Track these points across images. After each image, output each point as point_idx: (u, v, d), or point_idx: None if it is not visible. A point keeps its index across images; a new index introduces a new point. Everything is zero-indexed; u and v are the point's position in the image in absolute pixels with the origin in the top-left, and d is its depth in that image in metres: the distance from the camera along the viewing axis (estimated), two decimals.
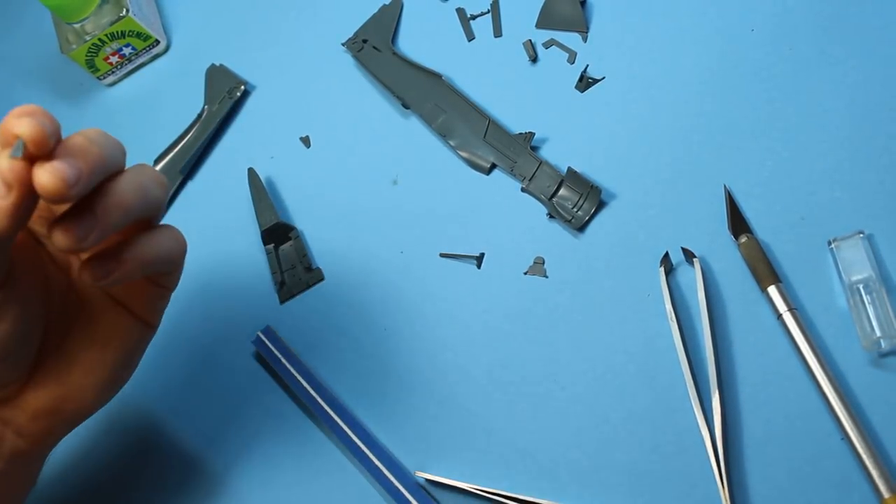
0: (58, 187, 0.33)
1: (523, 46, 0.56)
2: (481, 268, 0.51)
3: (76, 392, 0.42)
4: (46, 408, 0.41)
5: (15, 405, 0.41)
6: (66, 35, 0.63)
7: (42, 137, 0.33)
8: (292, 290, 0.54)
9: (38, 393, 0.41)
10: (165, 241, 0.40)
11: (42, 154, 0.33)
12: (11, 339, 0.38)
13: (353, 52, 0.59)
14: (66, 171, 0.33)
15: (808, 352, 0.43)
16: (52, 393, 0.41)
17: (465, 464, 0.47)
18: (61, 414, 0.42)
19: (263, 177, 0.57)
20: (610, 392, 0.46)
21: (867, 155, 0.47)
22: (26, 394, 0.41)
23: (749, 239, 0.46)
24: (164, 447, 0.52)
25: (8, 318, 0.37)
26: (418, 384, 0.49)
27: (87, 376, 0.42)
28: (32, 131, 0.33)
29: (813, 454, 0.42)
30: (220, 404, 0.52)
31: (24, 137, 0.33)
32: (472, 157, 0.54)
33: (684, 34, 0.53)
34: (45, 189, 0.33)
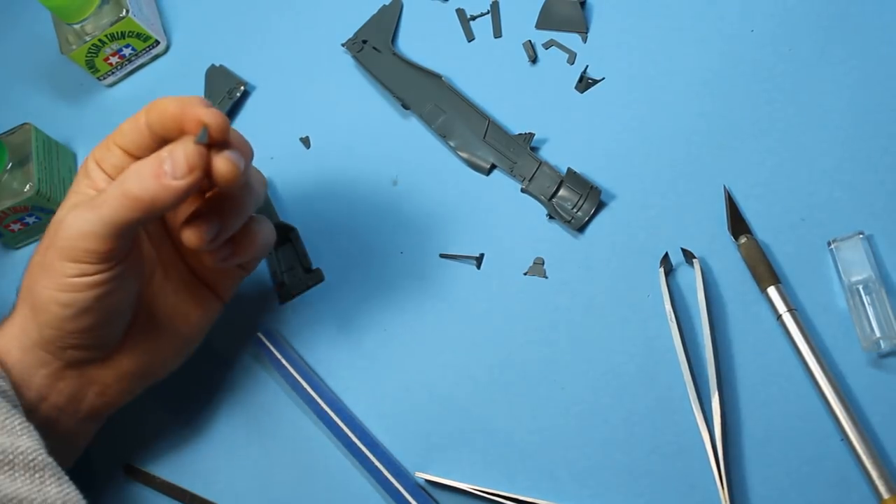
0: (234, 174, 0.38)
1: (523, 47, 0.56)
2: (481, 268, 0.51)
3: (158, 357, 0.47)
4: (132, 369, 0.46)
5: (106, 366, 0.45)
6: (66, 36, 0.63)
7: (226, 126, 0.38)
8: (292, 291, 0.54)
9: (127, 356, 0.45)
10: (267, 230, 0.46)
11: (223, 141, 0.38)
12: (122, 306, 0.43)
13: (353, 53, 0.59)
14: (240, 162, 0.39)
15: (807, 352, 0.43)
16: (140, 356, 0.46)
17: (465, 464, 0.47)
18: (142, 376, 0.46)
19: None
20: (610, 392, 0.46)
21: (867, 155, 0.47)
22: (118, 356, 0.45)
23: (749, 239, 0.46)
24: (164, 447, 0.52)
25: (125, 286, 0.42)
26: (418, 385, 0.49)
27: (170, 344, 0.47)
28: (220, 121, 0.38)
29: (812, 454, 0.42)
30: (221, 404, 0.52)
31: (212, 126, 0.37)
32: (471, 157, 0.54)
33: (684, 35, 0.53)
34: (224, 175, 0.38)
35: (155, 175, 0.38)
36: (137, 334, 0.45)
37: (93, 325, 0.42)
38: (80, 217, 0.39)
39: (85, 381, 0.44)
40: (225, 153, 0.38)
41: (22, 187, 0.58)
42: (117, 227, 0.39)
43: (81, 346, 0.43)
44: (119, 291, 0.41)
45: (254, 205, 0.43)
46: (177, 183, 0.38)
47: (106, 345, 0.44)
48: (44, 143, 0.61)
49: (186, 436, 0.52)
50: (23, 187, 0.58)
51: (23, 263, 0.44)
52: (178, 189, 0.38)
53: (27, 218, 0.59)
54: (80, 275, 0.40)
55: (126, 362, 0.45)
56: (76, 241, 0.39)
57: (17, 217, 0.59)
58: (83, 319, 0.41)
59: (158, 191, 0.38)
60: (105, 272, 0.40)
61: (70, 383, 0.44)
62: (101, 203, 0.39)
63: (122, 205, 0.38)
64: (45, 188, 0.59)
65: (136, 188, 0.38)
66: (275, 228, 0.54)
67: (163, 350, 0.47)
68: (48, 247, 0.41)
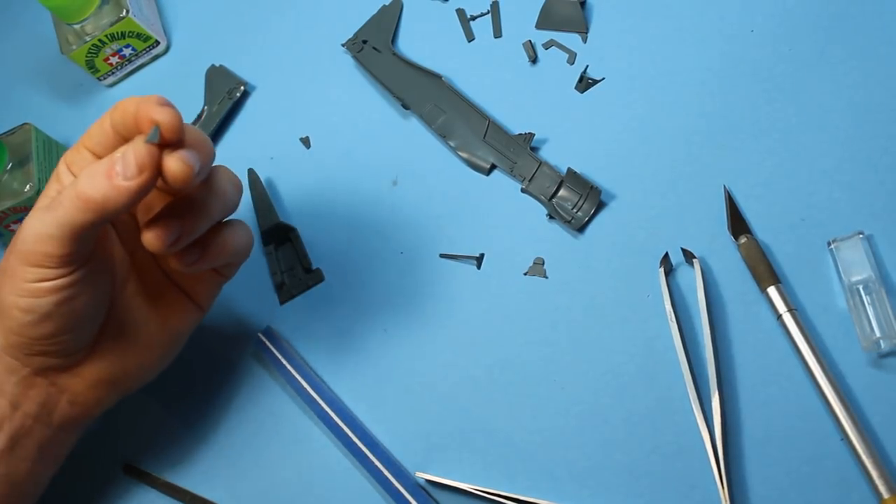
0: (186, 174, 0.37)
1: (523, 47, 0.56)
2: (481, 268, 0.51)
3: (132, 365, 0.45)
4: (103, 378, 0.44)
5: (75, 374, 0.44)
6: (67, 36, 0.63)
7: (179, 125, 0.37)
8: (292, 291, 0.54)
9: (98, 364, 0.44)
10: (242, 235, 0.44)
11: (175, 141, 0.37)
12: (85, 312, 0.41)
13: (353, 53, 0.59)
14: (192, 160, 0.37)
15: (807, 352, 0.43)
16: (111, 365, 0.44)
17: (465, 464, 0.47)
18: (115, 385, 0.45)
19: (263, 177, 0.57)
20: (610, 392, 0.46)
21: (867, 155, 0.47)
22: (87, 364, 0.44)
23: (749, 239, 0.46)
24: (164, 446, 0.52)
25: (87, 291, 0.40)
26: (418, 385, 0.49)
27: (144, 352, 0.45)
28: (171, 120, 0.36)
29: (812, 454, 0.42)
30: (221, 404, 0.52)
31: (163, 125, 0.36)
32: (471, 157, 0.54)
33: (684, 35, 0.53)
34: (175, 175, 0.36)
35: (107, 175, 0.36)
36: (108, 341, 0.44)
37: (56, 332, 0.40)
38: (38, 220, 0.38)
39: (56, 389, 0.43)
40: (178, 153, 0.37)
41: (22, 187, 0.58)
42: (73, 229, 0.37)
43: (47, 353, 0.42)
44: (82, 297, 0.40)
45: (222, 208, 0.42)
46: (127, 184, 0.36)
47: (72, 351, 0.43)
48: (44, 143, 0.61)
49: (186, 435, 0.52)
50: (23, 187, 0.58)
51: None
52: (130, 190, 0.36)
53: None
54: (39, 279, 0.38)
55: (97, 370, 0.44)
56: (34, 245, 0.38)
57: (17, 217, 0.59)
58: (45, 325, 0.40)
59: (110, 192, 0.36)
60: (65, 276, 0.39)
61: (40, 391, 0.43)
62: (58, 205, 0.37)
63: (76, 206, 0.37)
64: (45, 188, 0.59)
65: (88, 189, 0.36)
66: (276, 228, 0.54)
67: (136, 358, 0.45)
68: (10, 251, 0.39)
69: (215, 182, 0.41)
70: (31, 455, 0.43)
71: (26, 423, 0.42)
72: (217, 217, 0.42)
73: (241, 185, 0.44)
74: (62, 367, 0.43)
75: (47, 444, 0.44)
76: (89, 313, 0.41)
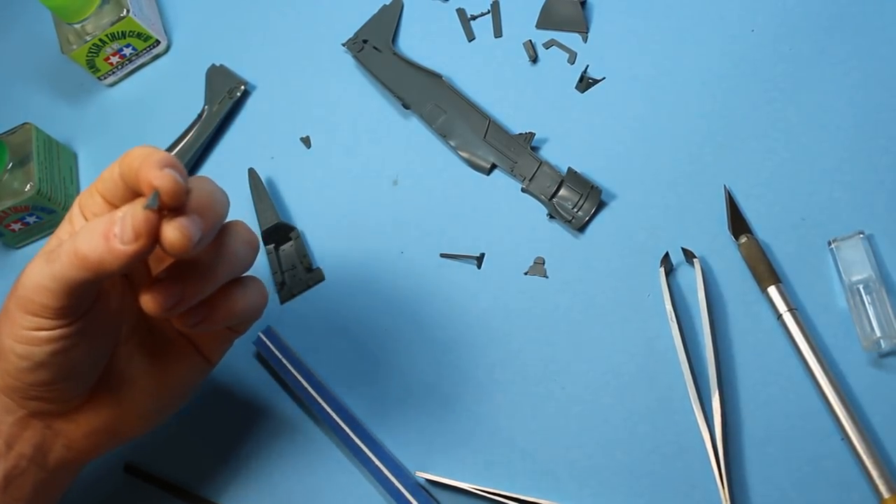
0: (183, 245, 0.34)
1: (523, 47, 0.56)
2: (481, 268, 0.51)
3: (130, 415, 0.44)
4: (100, 427, 0.43)
5: (71, 420, 0.43)
6: (67, 35, 0.63)
7: (179, 192, 0.34)
8: (293, 291, 0.54)
9: (95, 412, 0.43)
10: (253, 295, 0.41)
11: (175, 207, 0.35)
12: (84, 362, 0.40)
13: (354, 53, 0.59)
14: (192, 230, 0.35)
15: (808, 352, 0.43)
16: (109, 414, 0.43)
17: (466, 464, 0.47)
18: (112, 434, 0.44)
19: (264, 177, 0.57)
20: (610, 392, 0.46)
21: (867, 155, 0.47)
22: (84, 411, 0.43)
23: (749, 239, 0.46)
24: (165, 446, 0.52)
25: (85, 342, 0.39)
26: (419, 384, 0.49)
27: (144, 402, 0.44)
28: (171, 187, 0.34)
29: (813, 454, 0.42)
30: (221, 404, 0.52)
31: (162, 191, 0.34)
32: (472, 157, 0.54)
33: (684, 34, 0.53)
34: (172, 245, 0.34)
35: (104, 237, 0.35)
36: (107, 390, 0.43)
37: (50, 380, 0.39)
38: (36, 269, 0.37)
39: (51, 432, 0.42)
40: (176, 221, 0.34)
41: (22, 187, 0.58)
42: (68, 284, 0.36)
43: (42, 399, 0.40)
44: (78, 348, 0.38)
45: (231, 271, 0.39)
46: (124, 248, 0.34)
47: (68, 399, 0.41)
48: (44, 142, 0.61)
49: (187, 434, 0.52)
50: (23, 187, 0.58)
51: (23, 263, 0.43)
52: (126, 254, 0.34)
53: (28, 218, 0.59)
54: (35, 328, 0.37)
55: (94, 418, 0.43)
56: (31, 294, 0.36)
57: (17, 217, 0.59)
58: (40, 373, 0.39)
59: (105, 254, 0.35)
60: (61, 328, 0.37)
61: (36, 433, 0.42)
62: (56, 257, 0.36)
63: (72, 263, 0.35)
64: (45, 188, 0.59)
65: (85, 248, 0.35)
66: (277, 228, 0.54)
67: (135, 409, 0.44)
68: (11, 294, 0.38)
69: (225, 243, 0.39)
70: (25, 496, 0.42)
71: (21, 464, 0.41)
72: (225, 279, 0.39)
73: (256, 244, 0.41)
74: (58, 413, 0.42)
75: (42, 486, 0.43)
76: (86, 364, 0.40)
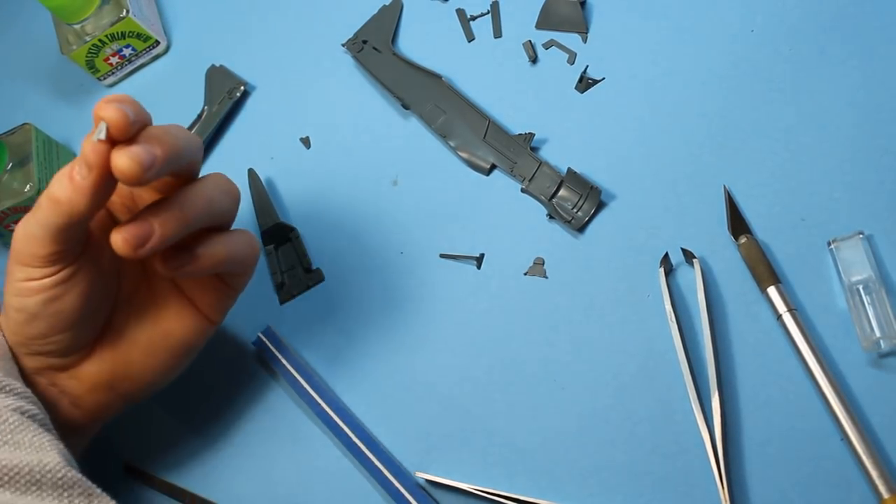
0: (133, 170, 0.35)
1: (523, 47, 0.56)
2: (481, 268, 0.51)
3: (133, 371, 0.45)
4: (103, 381, 0.44)
5: (73, 374, 0.44)
6: (67, 36, 0.63)
7: (124, 123, 0.35)
8: (292, 291, 0.54)
9: (96, 366, 0.44)
10: (238, 244, 0.43)
11: (122, 139, 0.36)
12: (77, 312, 0.41)
13: (353, 53, 0.59)
14: (142, 156, 0.35)
15: (807, 352, 0.43)
16: (110, 368, 0.44)
17: (465, 464, 0.47)
18: (117, 390, 0.45)
19: (263, 177, 0.57)
20: (610, 392, 0.46)
21: (867, 155, 0.47)
22: (85, 365, 0.44)
23: (749, 239, 0.46)
24: (164, 446, 0.52)
25: (76, 291, 0.40)
26: (418, 384, 0.49)
27: (146, 358, 0.45)
28: (115, 117, 0.35)
29: (812, 454, 0.42)
30: (221, 404, 0.52)
31: (109, 122, 0.35)
32: (472, 157, 0.54)
33: (684, 35, 0.53)
34: (121, 171, 0.35)
35: (69, 177, 0.37)
36: (108, 344, 0.44)
37: (47, 332, 0.41)
38: (25, 221, 0.39)
39: (56, 390, 0.43)
40: (126, 149, 0.35)
41: (22, 187, 0.58)
42: (51, 229, 0.38)
43: (43, 353, 0.42)
44: (68, 296, 0.40)
45: (205, 213, 0.40)
46: (83, 182, 0.36)
47: (68, 352, 0.43)
48: (44, 143, 0.61)
49: (186, 435, 0.52)
50: (23, 187, 0.58)
51: None
52: (85, 189, 0.36)
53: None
54: (27, 279, 0.39)
55: (95, 373, 0.44)
56: (22, 245, 0.39)
57: (17, 217, 0.59)
58: (35, 325, 0.40)
59: (72, 193, 0.36)
60: (50, 276, 0.39)
61: (42, 392, 0.43)
62: (38, 207, 0.38)
63: (49, 208, 0.37)
64: (45, 188, 0.59)
65: (57, 190, 0.37)
66: (276, 228, 0.54)
67: (137, 364, 0.45)
68: (10, 253, 0.40)
69: (199, 187, 0.40)
70: None
71: None
72: (199, 222, 0.40)
73: (235, 193, 0.42)
74: (60, 368, 0.43)
75: None
76: (80, 315, 0.41)
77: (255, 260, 0.44)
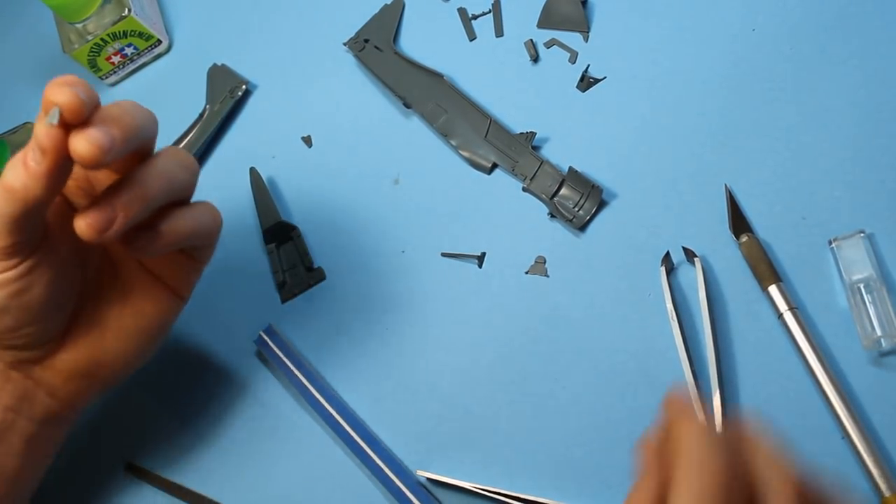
0: (92, 154, 0.34)
1: (525, 46, 0.56)
2: (482, 267, 0.51)
3: (108, 356, 0.44)
4: (78, 369, 0.43)
5: (47, 365, 0.43)
6: (68, 35, 0.63)
7: (78, 106, 0.34)
8: (294, 290, 0.54)
9: (70, 354, 0.43)
10: (201, 216, 0.42)
11: (77, 122, 0.35)
12: (44, 303, 0.40)
13: (355, 52, 0.59)
14: (101, 138, 0.34)
15: (808, 351, 0.43)
16: (85, 355, 0.43)
17: (467, 463, 0.47)
18: (92, 377, 0.44)
19: (265, 176, 0.58)
20: (611, 391, 0.46)
21: (868, 154, 0.47)
22: (59, 355, 0.43)
23: (750, 238, 0.46)
24: (166, 445, 0.52)
25: (41, 282, 0.39)
26: (420, 383, 0.49)
27: (119, 342, 0.44)
28: (69, 100, 0.34)
29: (813, 453, 0.42)
30: (222, 402, 0.52)
31: (61, 105, 0.34)
32: (473, 156, 0.54)
33: (685, 34, 0.53)
34: (81, 155, 0.34)
35: (24, 163, 0.35)
36: (80, 332, 0.43)
37: (15, 325, 0.40)
38: None
39: (32, 382, 0.43)
40: (83, 132, 0.34)
41: None
42: (8, 220, 0.36)
43: (14, 347, 0.41)
44: (34, 288, 0.39)
45: (165, 189, 0.39)
46: (38, 168, 0.35)
47: (39, 344, 0.42)
48: None
49: (188, 434, 0.52)
50: None
51: None
52: (40, 174, 0.35)
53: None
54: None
55: (70, 361, 0.43)
56: None
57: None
58: (2, 320, 0.39)
59: (27, 179, 0.35)
60: (12, 269, 0.38)
61: (17, 385, 0.42)
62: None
63: (5, 198, 0.36)
64: None
65: (11, 179, 0.36)
66: (278, 227, 0.54)
67: (111, 349, 0.44)
68: None
69: (156, 163, 0.39)
70: (17, 450, 0.42)
71: (8, 417, 0.42)
72: (160, 199, 0.39)
73: (193, 166, 0.42)
74: (34, 360, 0.43)
75: (33, 439, 0.43)
76: (48, 305, 0.40)
77: (218, 230, 0.44)
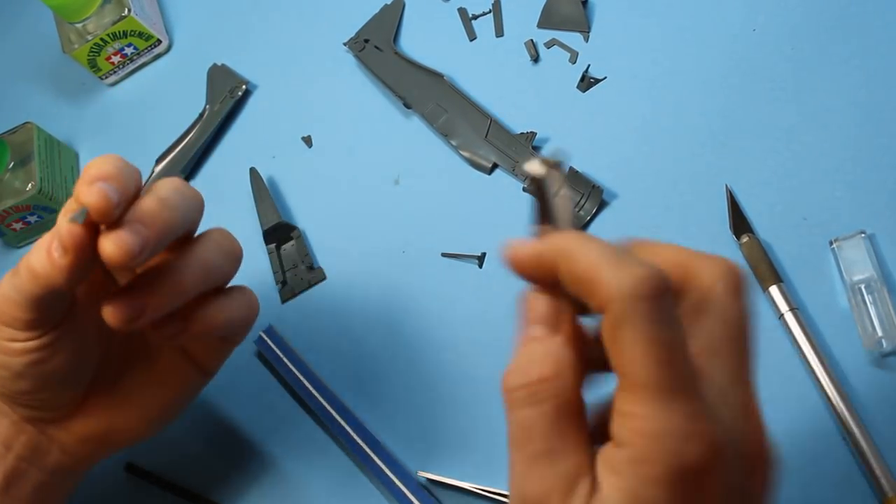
0: (121, 258, 0.33)
1: (525, 46, 0.56)
2: (483, 267, 0.51)
3: (125, 424, 0.43)
4: (93, 435, 0.43)
5: (63, 427, 0.42)
6: (68, 35, 0.63)
7: (107, 209, 0.33)
8: (294, 290, 0.54)
9: (87, 420, 0.42)
10: (237, 307, 0.40)
11: (106, 223, 0.33)
12: (63, 374, 0.39)
13: (355, 52, 0.59)
14: (131, 242, 0.33)
15: (809, 351, 0.43)
16: (102, 422, 0.43)
17: (468, 464, 0.47)
18: (107, 442, 0.43)
19: (265, 176, 0.57)
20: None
21: (869, 154, 0.47)
22: (76, 419, 0.42)
23: (750, 239, 0.46)
24: (166, 445, 0.52)
25: (62, 354, 0.38)
26: (420, 384, 0.49)
27: (139, 411, 0.43)
28: (97, 201, 0.32)
29: (814, 453, 0.42)
30: (222, 403, 0.52)
31: (90, 208, 0.33)
32: (473, 156, 0.54)
33: (686, 34, 0.53)
34: (109, 258, 0.33)
35: (47, 251, 0.34)
36: (99, 399, 0.42)
37: (31, 389, 0.39)
38: (7, 281, 0.36)
39: (45, 438, 0.42)
40: (113, 233, 0.33)
41: (24, 186, 0.58)
42: (29, 297, 0.35)
43: (30, 407, 0.41)
44: (55, 359, 0.38)
45: (202, 280, 0.38)
46: (61, 261, 0.34)
47: (54, 408, 0.41)
48: (46, 142, 0.61)
49: (188, 434, 0.52)
50: (25, 186, 0.58)
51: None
52: (63, 267, 0.34)
53: (29, 217, 0.59)
54: (10, 339, 0.37)
55: (86, 426, 0.42)
56: (3, 305, 0.36)
57: (18, 216, 0.59)
58: (20, 383, 0.39)
59: (49, 268, 0.34)
60: (34, 339, 0.37)
61: (31, 437, 0.42)
62: (17, 270, 0.36)
63: (27, 277, 0.35)
64: (46, 187, 0.59)
65: (34, 261, 0.35)
66: (278, 227, 0.54)
67: (129, 419, 0.43)
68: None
69: (195, 251, 0.38)
70: (26, 497, 0.42)
71: (20, 466, 0.41)
72: (195, 291, 0.38)
73: (237, 253, 0.40)
74: (49, 420, 0.42)
75: (43, 489, 0.43)
76: (67, 375, 0.40)
77: (254, 319, 0.42)
